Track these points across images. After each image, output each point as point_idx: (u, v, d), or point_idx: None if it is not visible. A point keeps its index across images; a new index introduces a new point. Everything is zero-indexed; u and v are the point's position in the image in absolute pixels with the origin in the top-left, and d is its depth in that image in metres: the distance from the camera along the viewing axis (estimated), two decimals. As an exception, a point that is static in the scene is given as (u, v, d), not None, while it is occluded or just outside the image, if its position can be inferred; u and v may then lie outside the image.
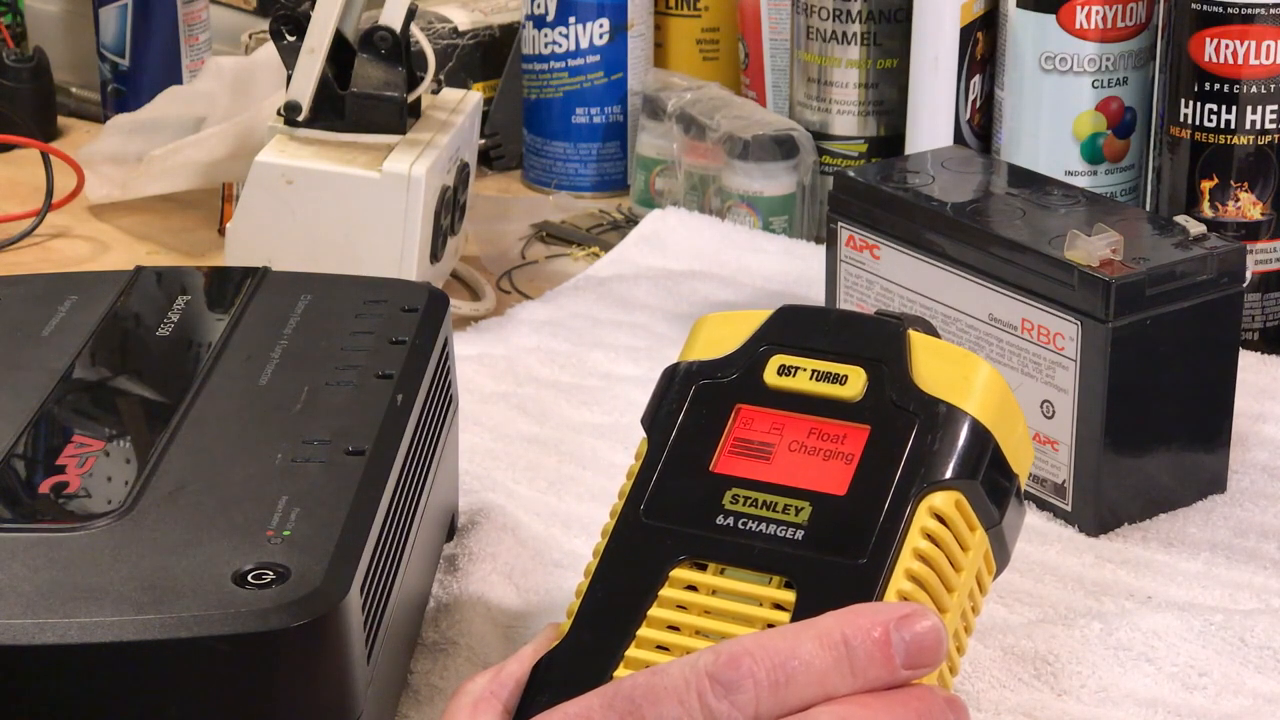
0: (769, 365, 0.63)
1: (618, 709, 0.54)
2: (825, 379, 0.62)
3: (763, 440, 0.62)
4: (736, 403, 0.62)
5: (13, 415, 0.69)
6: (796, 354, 0.63)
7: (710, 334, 0.65)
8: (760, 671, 0.53)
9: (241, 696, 0.57)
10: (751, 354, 0.63)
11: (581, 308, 1.08)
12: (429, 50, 1.08)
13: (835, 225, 0.94)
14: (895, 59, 1.18)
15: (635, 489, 0.62)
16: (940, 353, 0.62)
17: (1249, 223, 1.01)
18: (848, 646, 0.54)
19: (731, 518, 0.60)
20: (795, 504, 0.60)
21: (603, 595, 0.60)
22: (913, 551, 0.58)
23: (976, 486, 0.60)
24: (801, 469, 0.61)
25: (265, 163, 1.02)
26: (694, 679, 0.53)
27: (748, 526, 0.59)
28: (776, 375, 0.63)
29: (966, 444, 0.60)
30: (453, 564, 0.80)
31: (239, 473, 0.66)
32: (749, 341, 0.64)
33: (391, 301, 0.79)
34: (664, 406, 0.63)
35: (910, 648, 0.54)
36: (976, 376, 0.62)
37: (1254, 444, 0.92)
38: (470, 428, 0.92)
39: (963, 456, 0.60)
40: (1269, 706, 0.73)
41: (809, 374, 0.62)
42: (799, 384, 0.62)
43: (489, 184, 1.32)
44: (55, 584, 0.58)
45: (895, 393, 0.61)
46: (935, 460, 0.60)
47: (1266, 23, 0.99)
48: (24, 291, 0.81)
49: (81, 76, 1.47)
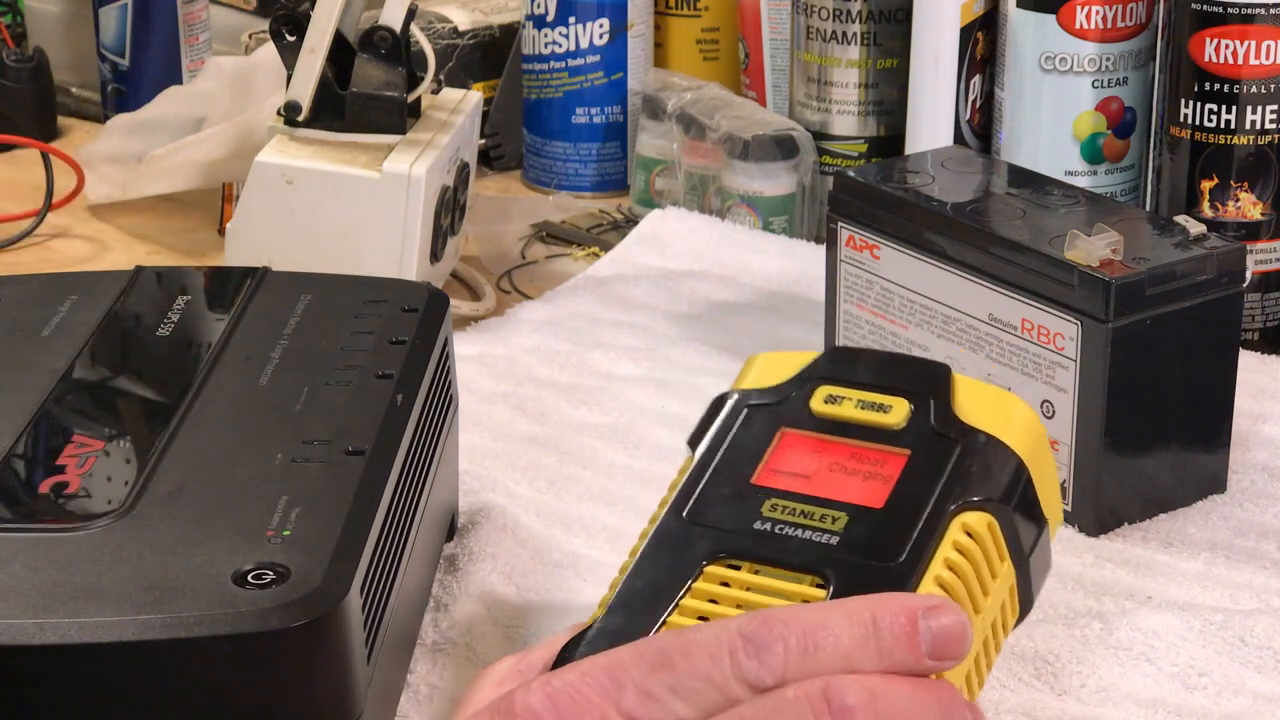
0: (816, 394, 0.66)
1: (648, 659, 0.55)
2: (869, 407, 0.65)
3: (805, 460, 0.64)
4: (781, 426, 0.65)
5: (13, 415, 0.69)
6: (843, 386, 0.66)
7: (761, 368, 0.68)
8: (791, 637, 0.54)
9: (241, 696, 0.58)
10: (800, 385, 0.66)
11: (581, 308, 1.08)
12: (429, 50, 1.08)
13: (835, 225, 0.94)
14: (895, 59, 1.18)
15: (677, 497, 0.64)
16: (983, 391, 0.65)
17: (1249, 223, 1.01)
18: (875, 626, 0.55)
19: (769, 523, 0.62)
20: (832, 514, 0.62)
21: (637, 585, 0.62)
22: (943, 560, 0.60)
23: (1009, 513, 0.62)
24: (840, 485, 0.63)
25: (265, 163, 1.02)
26: (726, 637, 0.55)
27: (784, 531, 0.62)
28: (823, 403, 0.65)
29: (1003, 471, 0.63)
30: (453, 564, 0.80)
31: (239, 473, 0.66)
32: (798, 375, 0.67)
33: (391, 301, 0.79)
34: (710, 427, 0.66)
35: (936, 637, 0.55)
36: (1017, 414, 0.65)
37: (1254, 444, 0.92)
38: (470, 428, 0.92)
39: (998, 481, 0.63)
40: (1269, 706, 0.73)
41: (854, 403, 0.65)
42: (844, 411, 0.65)
43: (489, 184, 1.32)
44: (55, 584, 0.58)
45: (937, 422, 0.64)
46: (972, 481, 0.62)
47: (1266, 23, 0.99)
48: (24, 291, 0.81)
49: (81, 76, 1.47)
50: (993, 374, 0.87)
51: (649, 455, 0.92)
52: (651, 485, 0.89)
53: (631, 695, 0.54)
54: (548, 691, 0.54)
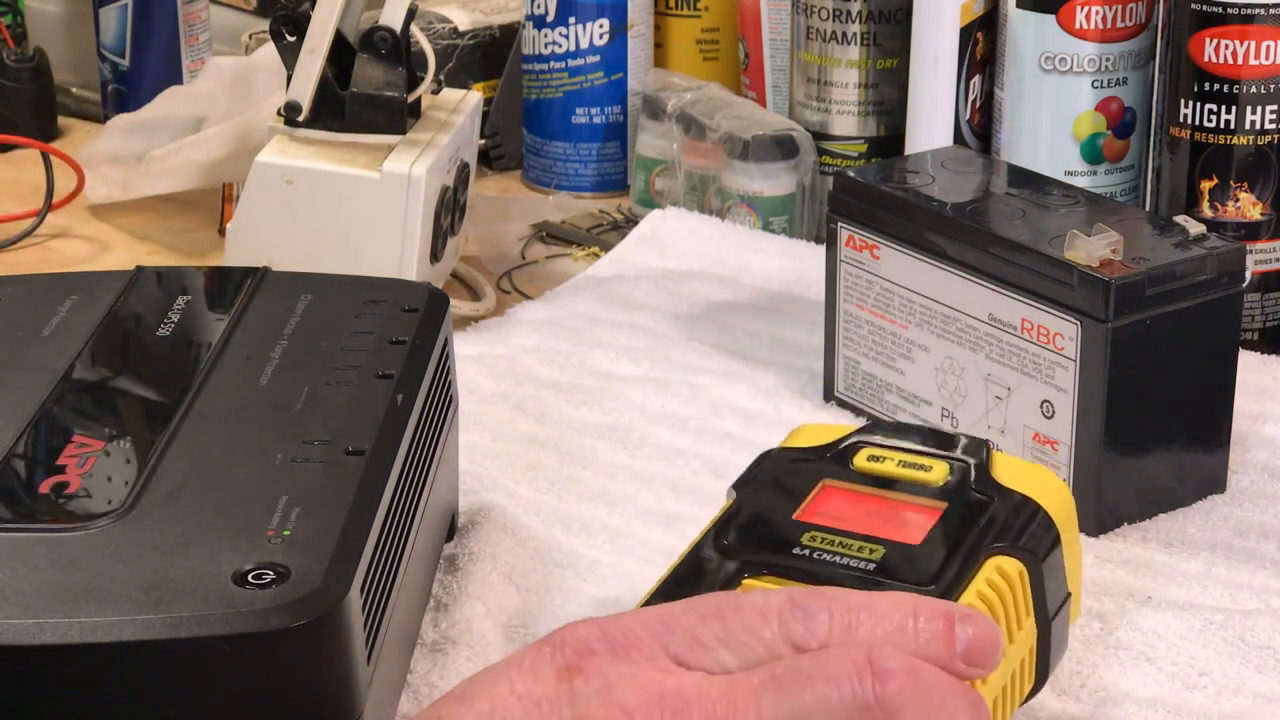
0: (859, 453, 0.70)
1: (699, 610, 0.57)
2: (911, 466, 0.69)
3: (844, 506, 0.68)
4: (823, 478, 0.69)
5: (13, 415, 0.70)
6: (886, 449, 0.70)
7: (807, 434, 0.72)
8: (837, 610, 0.57)
9: (241, 696, 0.58)
10: (843, 445, 0.70)
11: (581, 308, 1.08)
12: (429, 50, 1.08)
13: (835, 225, 0.94)
14: (895, 59, 1.18)
15: (717, 526, 0.67)
16: (1020, 463, 0.71)
17: (1249, 223, 1.01)
18: (916, 618, 0.57)
19: (808, 550, 0.65)
20: (870, 546, 0.65)
21: (672, 591, 0.64)
22: (975, 593, 0.63)
23: (1039, 566, 0.65)
24: (878, 526, 0.66)
25: (265, 163, 1.02)
26: (776, 601, 0.57)
27: (822, 557, 0.65)
28: (865, 460, 0.69)
29: (1037, 529, 0.66)
30: (453, 564, 0.80)
31: (239, 473, 0.66)
32: (842, 438, 0.71)
33: (391, 301, 0.79)
34: (754, 475, 0.70)
35: (971, 643, 0.57)
36: (1051, 485, 0.69)
37: (1254, 444, 0.92)
38: (470, 428, 0.92)
39: (1032, 534, 0.66)
40: (1269, 706, 0.73)
41: (896, 461, 0.69)
42: (885, 468, 0.69)
43: (489, 184, 1.32)
44: (55, 584, 0.58)
45: (975, 483, 0.68)
46: (1006, 530, 0.66)
47: (1266, 23, 0.99)
48: (24, 291, 0.81)
49: (82, 76, 1.47)
50: (992, 374, 0.87)
51: (649, 455, 0.92)
52: (651, 485, 0.89)
53: (680, 639, 0.56)
54: (601, 625, 0.56)
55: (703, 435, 0.93)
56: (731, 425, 0.94)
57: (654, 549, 0.83)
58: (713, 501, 0.87)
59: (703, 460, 0.91)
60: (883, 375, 0.93)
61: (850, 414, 0.95)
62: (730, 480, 0.70)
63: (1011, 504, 0.67)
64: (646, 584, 0.81)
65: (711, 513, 0.88)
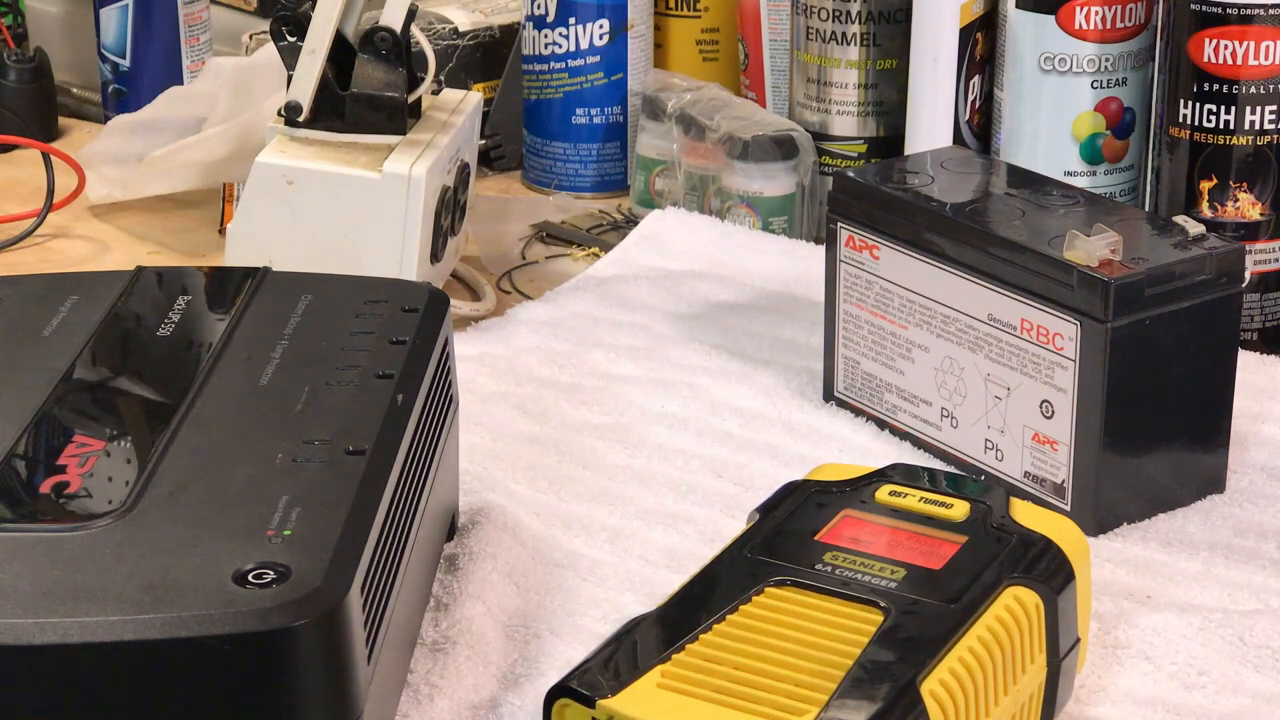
0: (882, 488, 0.72)
1: None
2: (932, 503, 0.71)
3: (866, 533, 0.70)
4: (844, 508, 0.71)
5: (14, 415, 0.70)
6: (908, 486, 0.72)
7: (831, 472, 0.75)
8: None
9: (242, 696, 0.58)
10: (866, 481, 0.73)
11: (581, 308, 1.08)
12: (429, 51, 1.08)
13: (835, 226, 0.94)
14: (895, 59, 1.18)
15: (740, 540, 0.69)
16: (1037, 508, 0.73)
17: (1248, 223, 1.02)
18: None
19: (830, 566, 0.67)
20: (891, 567, 0.67)
21: (696, 590, 0.66)
22: (993, 615, 0.65)
23: (1054, 601, 0.67)
24: (900, 552, 0.68)
25: (266, 163, 1.02)
26: None
27: (844, 574, 0.67)
28: (887, 495, 0.72)
29: (1053, 566, 0.68)
30: (453, 564, 0.80)
31: (239, 473, 0.66)
32: (865, 475, 0.73)
33: (392, 301, 0.79)
34: (778, 501, 0.71)
35: None
36: (1068, 529, 0.71)
37: (1253, 444, 0.92)
38: (470, 428, 0.92)
39: (1049, 570, 0.68)
40: (1268, 706, 0.73)
41: (917, 498, 0.71)
42: (906, 503, 0.71)
43: (489, 184, 1.33)
44: (55, 584, 0.59)
45: (995, 522, 0.70)
46: (1025, 564, 0.68)
47: (1266, 23, 0.99)
48: (24, 291, 0.81)
49: (82, 77, 1.47)
50: (992, 374, 0.87)
51: (649, 455, 0.92)
52: (651, 485, 0.89)
53: None
54: None
55: (703, 435, 0.93)
56: (731, 425, 0.94)
57: (654, 549, 0.83)
58: (713, 502, 0.87)
59: (703, 460, 0.91)
60: (882, 375, 0.94)
61: (850, 414, 0.95)
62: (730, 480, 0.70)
63: (1030, 542, 0.69)
64: (646, 584, 0.81)
65: (711, 513, 0.88)
